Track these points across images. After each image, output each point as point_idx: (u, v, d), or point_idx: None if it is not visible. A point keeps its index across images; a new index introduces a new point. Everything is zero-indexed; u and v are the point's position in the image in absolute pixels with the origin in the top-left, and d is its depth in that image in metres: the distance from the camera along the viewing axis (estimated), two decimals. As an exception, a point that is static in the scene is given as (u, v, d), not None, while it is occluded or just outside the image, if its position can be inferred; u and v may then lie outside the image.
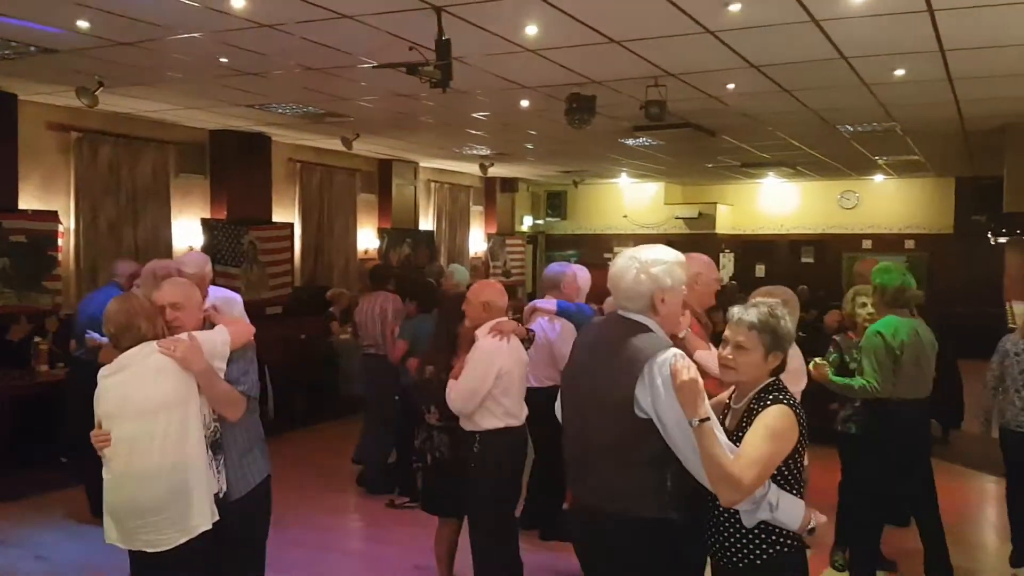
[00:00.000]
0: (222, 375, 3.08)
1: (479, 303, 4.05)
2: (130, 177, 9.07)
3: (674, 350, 2.49)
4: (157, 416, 2.95)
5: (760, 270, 16.28)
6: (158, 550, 2.98)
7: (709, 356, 3.07)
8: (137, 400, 2.98)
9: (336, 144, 10.67)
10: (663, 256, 2.65)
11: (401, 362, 5.84)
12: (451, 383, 3.93)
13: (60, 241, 8.26)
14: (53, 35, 5.59)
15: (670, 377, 2.39)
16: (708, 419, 2.34)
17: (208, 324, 3.24)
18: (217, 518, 3.04)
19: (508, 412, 3.95)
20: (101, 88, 6.99)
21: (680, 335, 2.97)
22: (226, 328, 3.18)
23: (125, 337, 3.04)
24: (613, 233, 16.66)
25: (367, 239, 12.71)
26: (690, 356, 2.65)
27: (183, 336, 3.05)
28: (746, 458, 2.33)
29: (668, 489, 2.47)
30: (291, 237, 11.09)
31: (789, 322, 2.58)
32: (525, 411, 4.10)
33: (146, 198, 9.25)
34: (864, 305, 4.77)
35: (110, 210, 8.87)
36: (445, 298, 5.21)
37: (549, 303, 5.00)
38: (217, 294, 4.83)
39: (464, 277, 7.15)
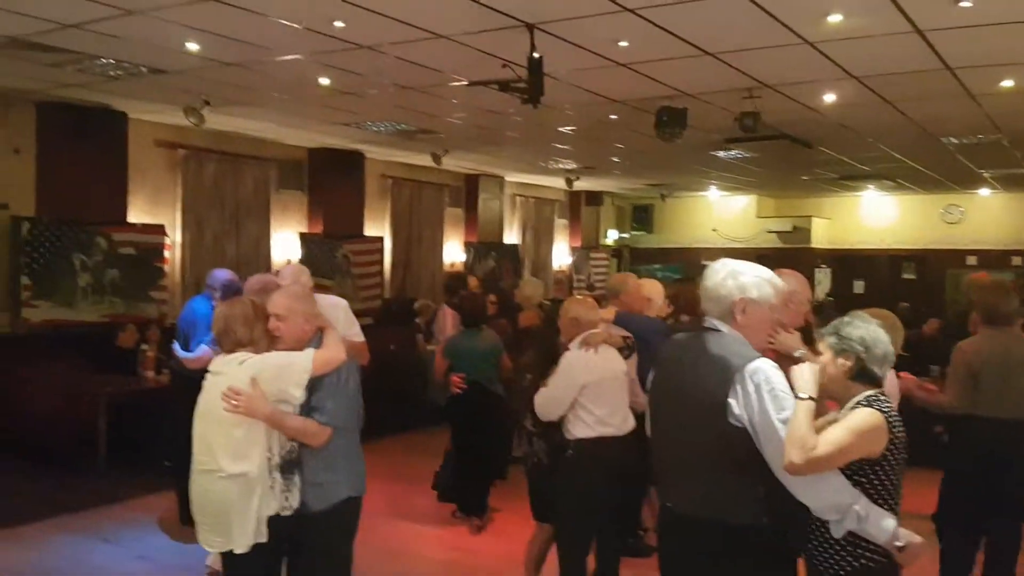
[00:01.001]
0: (297, 402, 3.11)
1: (568, 319, 4.16)
2: (233, 192, 9.47)
3: (765, 359, 2.51)
4: (228, 426, 3.06)
5: (859, 286, 15.71)
6: (211, 550, 3.12)
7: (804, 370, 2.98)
8: (216, 406, 3.08)
9: (425, 159, 10.88)
10: (757, 270, 2.67)
11: (444, 377, 5.86)
12: (540, 390, 4.05)
13: (167, 253, 8.68)
14: (164, 56, 5.88)
15: (762, 384, 2.43)
16: (812, 400, 2.39)
17: (317, 337, 3.27)
18: (263, 540, 3.09)
19: (601, 421, 3.98)
20: (207, 107, 7.32)
21: (796, 353, 2.88)
22: (317, 352, 3.18)
23: (224, 341, 3.18)
24: (702, 247, 16.38)
25: (454, 252, 12.88)
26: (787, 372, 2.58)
27: (261, 359, 3.13)
28: (824, 437, 2.36)
29: (761, 496, 2.49)
30: (381, 250, 11.35)
31: (884, 344, 2.53)
32: (628, 421, 4.09)
33: (247, 213, 9.64)
34: None
35: (214, 224, 9.27)
36: (545, 310, 5.22)
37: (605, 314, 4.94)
38: (322, 301, 4.94)
39: (536, 290, 7.10)
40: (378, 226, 11.51)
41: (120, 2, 4.64)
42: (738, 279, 2.62)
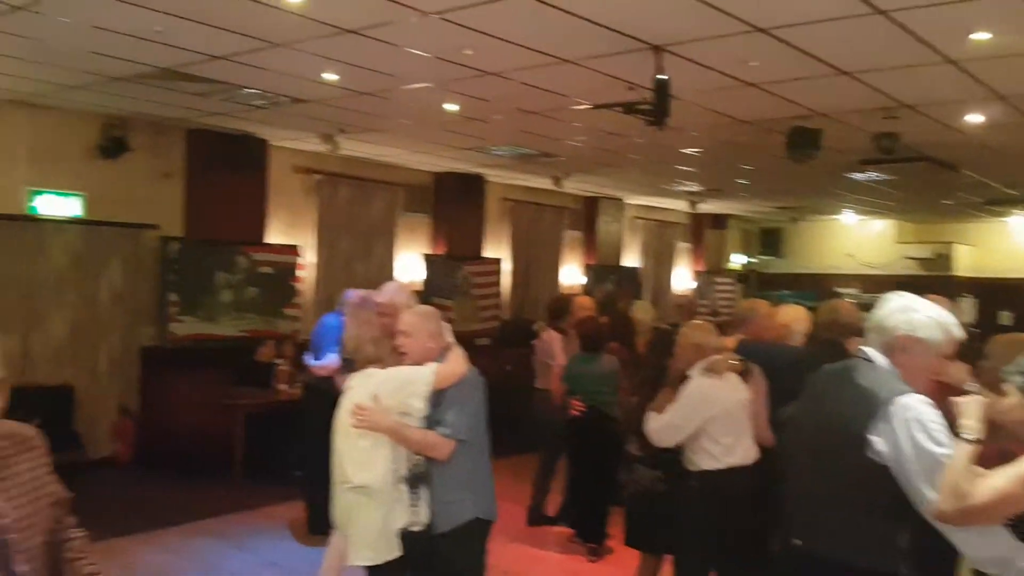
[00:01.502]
0: (419, 414, 3.21)
1: (690, 345, 4.07)
2: (363, 215, 9.85)
3: (918, 395, 2.33)
4: (354, 438, 3.20)
5: (1006, 317, 14.58)
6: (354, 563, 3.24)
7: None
8: (346, 419, 3.24)
9: (545, 182, 10.95)
10: (932, 310, 2.49)
11: (563, 400, 5.79)
12: (652, 415, 3.95)
13: (300, 272, 9.10)
14: (304, 86, 6.19)
15: (911, 421, 2.26)
16: (978, 442, 2.16)
17: (443, 355, 3.37)
18: (396, 554, 3.17)
19: (727, 451, 3.89)
20: (341, 135, 7.65)
21: (964, 387, 2.70)
22: (439, 366, 3.29)
23: (358, 358, 3.36)
24: (835, 273, 15.67)
25: (572, 275, 12.87)
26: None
27: (386, 371, 3.27)
28: (987, 480, 2.08)
29: (900, 542, 2.32)
30: (499, 272, 11.49)
31: None
32: (752, 450, 3.96)
33: (376, 235, 9.99)
34: None
35: (345, 245, 9.66)
36: (653, 334, 5.14)
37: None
38: None
39: (646, 314, 6.94)
40: (498, 248, 11.66)
41: (266, 35, 4.92)
42: (909, 315, 2.46)
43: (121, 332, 7.85)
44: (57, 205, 7.40)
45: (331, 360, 5.35)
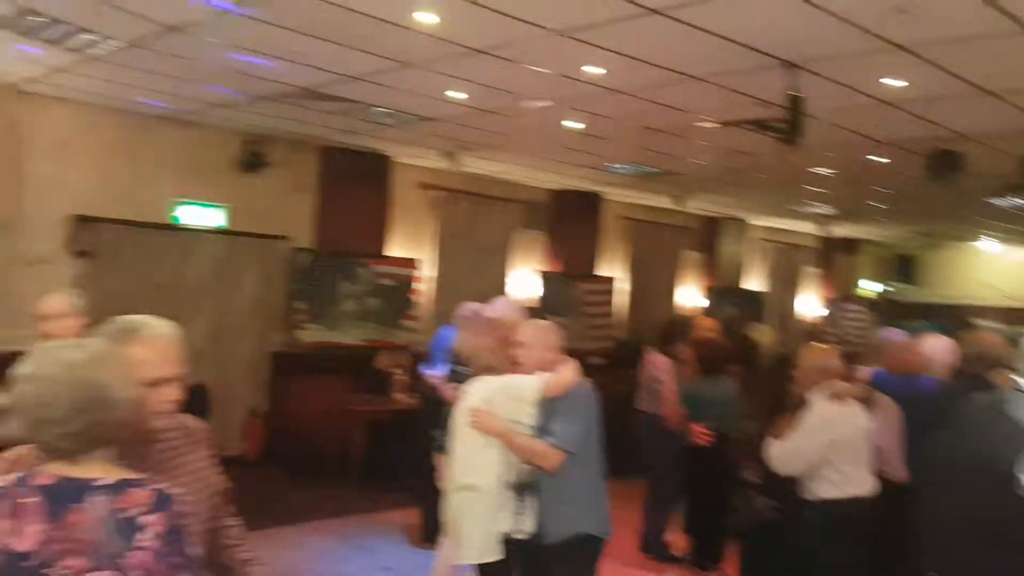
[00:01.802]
0: (528, 421, 3.28)
1: (812, 368, 3.96)
2: (481, 231, 10.01)
3: None
4: (466, 440, 3.33)
5: None
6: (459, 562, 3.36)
7: None
8: (461, 422, 3.38)
9: (664, 201, 10.80)
10: None
11: (681, 425, 5.65)
12: (771, 441, 3.84)
13: (418, 285, 9.33)
14: (432, 105, 6.36)
15: None
16: None
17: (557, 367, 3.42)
18: (495, 556, 3.22)
19: (848, 480, 3.76)
20: (463, 152, 7.81)
21: None
22: (549, 376, 3.36)
23: (475, 365, 3.54)
24: (973, 304, 14.69)
25: (691, 297, 12.62)
26: None
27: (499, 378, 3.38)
28: None
29: None
30: (612, 291, 11.39)
31: None
32: (871, 483, 3.80)
33: (492, 251, 10.13)
34: None
35: (462, 260, 9.83)
36: (772, 358, 5.00)
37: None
38: None
39: (767, 338, 6.70)
40: (614, 267, 11.57)
41: (400, 55, 5.09)
42: None
43: (253, 337, 8.26)
44: (200, 216, 7.89)
45: (438, 370, 5.46)
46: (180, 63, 5.59)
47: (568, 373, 3.37)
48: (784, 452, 3.80)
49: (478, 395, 3.38)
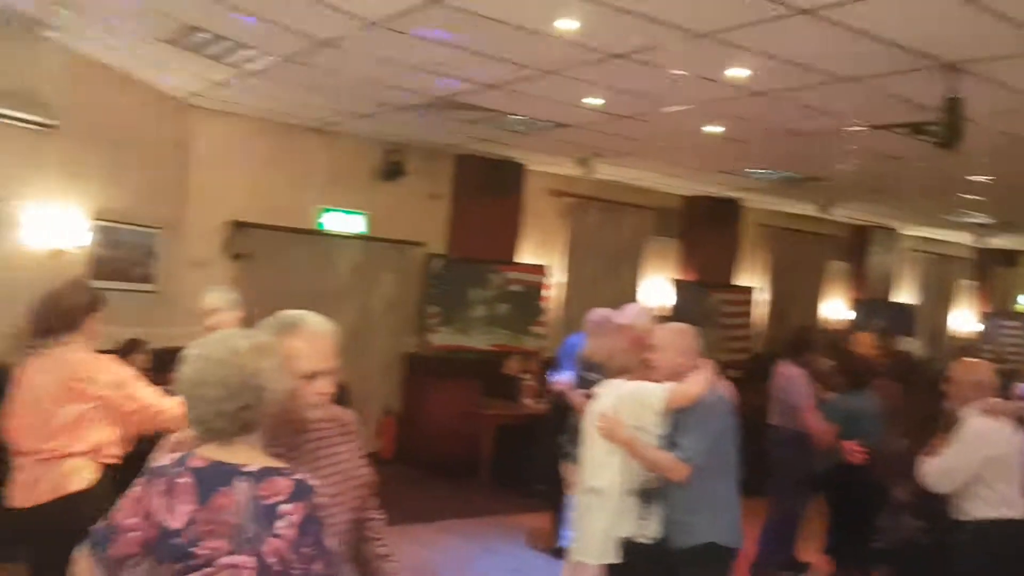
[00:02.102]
0: (654, 430, 3.27)
1: (966, 383, 3.81)
2: (612, 238, 9.94)
3: None
4: (593, 443, 3.37)
5: None
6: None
7: None
8: (590, 424, 3.42)
9: (806, 209, 10.37)
10: None
11: (834, 443, 5.33)
12: (925, 459, 3.72)
13: (547, 292, 9.37)
14: (567, 112, 6.37)
15: None
16: None
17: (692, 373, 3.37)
18: (612, 559, 3.26)
19: (1004, 500, 3.59)
20: (596, 158, 7.79)
21: None
22: (675, 385, 3.32)
23: (609, 368, 3.55)
24: None
25: (835, 309, 12.05)
26: None
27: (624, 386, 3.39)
28: None
29: None
30: (750, 302, 11.03)
31: None
32: (1022, 503, 3.58)
33: (623, 258, 10.04)
34: None
35: (592, 267, 9.80)
36: (921, 373, 4.74)
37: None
38: None
39: (917, 352, 6.26)
40: (751, 277, 11.21)
41: (538, 63, 5.13)
42: None
43: (388, 338, 8.56)
44: (343, 222, 8.24)
45: (566, 376, 5.45)
46: (329, 76, 5.87)
47: (695, 384, 3.30)
48: (937, 469, 3.67)
49: (607, 399, 3.40)
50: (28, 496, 3.16)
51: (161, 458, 1.89)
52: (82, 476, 3.16)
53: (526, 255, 9.35)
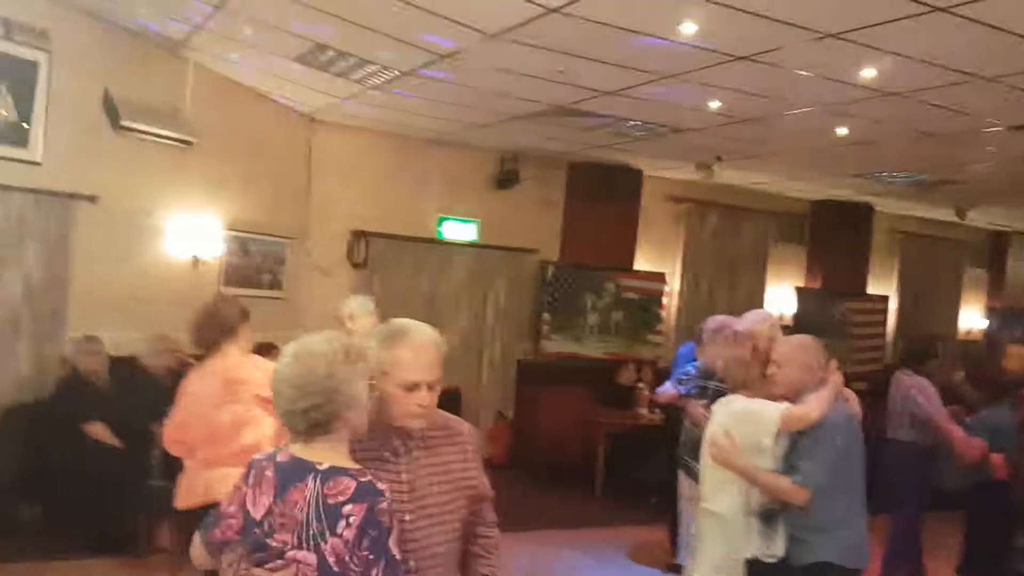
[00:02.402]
0: (770, 450, 3.13)
1: None
2: (731, 245, 9.67)
3: None
4: (711, 464, 3.28)
5: None
6: None
7: None
8: (708, 445, 3.32)
9: (943, 213, 9.78)
10: None
11: (982, 458, 4.97)
12: None
13: (665, 300, 9.21)
14: (686, 116, 6.26)
15: None
16: None
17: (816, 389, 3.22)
18: None
19: None
20: (717, 163, 7.60)
21: None
22: (791, 407, 3.15)
23: (728, 382, 3.44)
24: None
25: (972, 318, 11.31)
26: None
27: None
28: None
29: None
30: (885, 311, 10.49)
31: None
32: None
33: (743, 264, 9.75)
34: None
35: (709, 274, 9.58)
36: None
37: None
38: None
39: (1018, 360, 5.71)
40: (883, 284, 10.66)
41: (658, 67, 5.06)
42: None
43: (501, 345, 8.63)
44: (459, 230, 8.39)
45: (667, 389, 5.28)
46: (448, 88, 5.98)
47: (814, 408, 3.11)
48: None
49: (719, 417, 3.30)
50: (185, 499, 3.40)
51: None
52: (231, 483, 3.32)
53: (643, 262, 9.24)
